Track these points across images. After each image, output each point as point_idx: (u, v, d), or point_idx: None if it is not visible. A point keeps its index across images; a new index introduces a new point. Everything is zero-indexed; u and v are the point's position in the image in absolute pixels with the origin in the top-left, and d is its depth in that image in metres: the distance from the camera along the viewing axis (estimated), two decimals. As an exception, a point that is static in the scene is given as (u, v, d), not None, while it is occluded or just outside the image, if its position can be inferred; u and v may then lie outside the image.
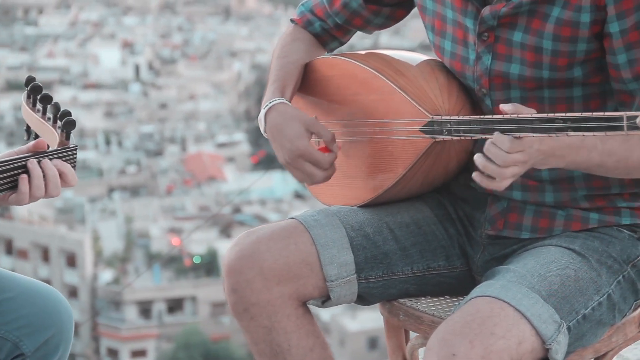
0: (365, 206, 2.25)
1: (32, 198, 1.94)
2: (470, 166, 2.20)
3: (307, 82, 2.33)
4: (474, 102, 2.16)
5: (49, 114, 2.03)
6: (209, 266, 44.62)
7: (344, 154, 2.27)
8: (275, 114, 2.22)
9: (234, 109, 63.78)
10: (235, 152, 56.49)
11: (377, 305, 2.29)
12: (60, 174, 1.96)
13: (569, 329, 1.95)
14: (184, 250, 44.19)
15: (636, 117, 1.77)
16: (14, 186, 1.93)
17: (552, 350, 1.92)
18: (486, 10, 2.07)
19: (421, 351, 2.27)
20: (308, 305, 2.19)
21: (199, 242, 43.45)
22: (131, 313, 40.98)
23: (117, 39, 68.79)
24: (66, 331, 2.13)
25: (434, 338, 1.90)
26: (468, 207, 2.23)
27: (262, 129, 2.25)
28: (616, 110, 2.05)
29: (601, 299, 2.01)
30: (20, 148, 1.99)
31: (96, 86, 61.56)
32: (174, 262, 44.56)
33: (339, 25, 2.37)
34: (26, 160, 1.94)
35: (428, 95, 2.12)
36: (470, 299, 1.95)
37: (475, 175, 1.93)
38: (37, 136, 2.07)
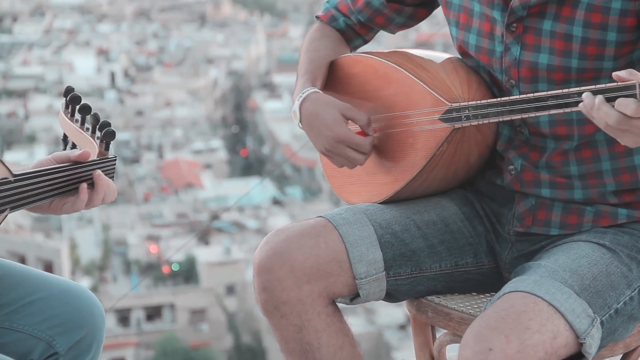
0: (390, 202, 2.26)
1: (89, 205, 1.99)
2: (495, 162, 2.23)
3: (331, 81, 2.35)
4: (494, 96, 2.18)
5: (88, 125, 2.05)
6: (187, 273, 44.51)
7: None
8: (309, 103, 2.24)
9: (210, 116, 63.70)
10: (213, 158, 56.42)
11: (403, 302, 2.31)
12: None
13: (602, 323, 1.97)
14: (162, 257, 44.07)
15: None
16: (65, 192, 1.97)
17: (586, 345, 1.93)
18: (516, 2, 2.09)
19: (449, 348, 2.28)
20: (337, 303, 2.20)
21: (177, 249, 43.36)
22: (109, 321, 40.80)
23: (92, 47, 68.52)
24: (98, 330, 2.13)
25: (470, 333, 1.91)
26: (495, 205, 2.24)
27: (296, 121, 2.27)
28: None
29: (632, 293, 2.03)
30: (59, 155, 1.99)
31: (72, 94, 61.12)
32: (152, 270, 44.43)
33: (362, 23, 2.40)
34: (92, 170, 1.99)
35: (447, 86, 2.16)
36: (504, 294, 1.96)
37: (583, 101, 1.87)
38: (74, 145, 2.08)
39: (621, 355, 2.14)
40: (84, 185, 1.97)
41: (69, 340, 2.08)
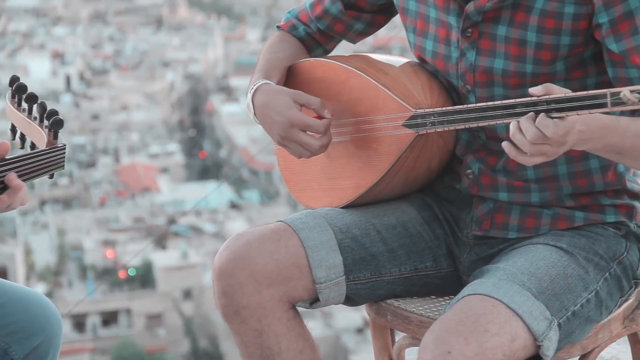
0: (350, 207, 2.26)
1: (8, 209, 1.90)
2: (453, 167, 2.24)
3: (291, 85, 2.34)
4: (455, 101, 2.20)
5: (35, 114, 2.02)
6: (144, 278, 44.24)
7: (326, 156, 2.29)
8: (260, 93, 2.24)
9: (167, 120, 63.39)
10: (169, 162, 56.15)
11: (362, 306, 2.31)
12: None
13: (559, 325, 1.98)
14: (119, 262, 43.78)
15: (619, 92, 1.82)
16: None
17: (544, 347, 1.95)
18: (470, 7, 2.11)
19: (408, 351, 2.29)
20: (297, 307, 2.20)
21: (134, 254, 43.10)
22: (65, 327, 40.36)
23: (47, 50, 67.93)
24: (55, 337, 2.11)
25: (429, 336, 1.92)
26: (453, 208, 2.26)
27: (251, 115, 2.26)
28: None
29: (589, 295, 2.05)
30: None
31: (26, 97, 60.54)
32: (109, 275, 44.12)
33: (322, 31, 2.40)
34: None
35: (411, 91, 2.17)
36: (463, 297, 1.97)
37: (505, 144, 1.92)
38: (23, 135, 2.05)
39: (578, 357, 2.16)
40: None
41: (25, 347, 2.06)
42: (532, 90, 1.88)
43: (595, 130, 1.90)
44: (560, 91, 1.87)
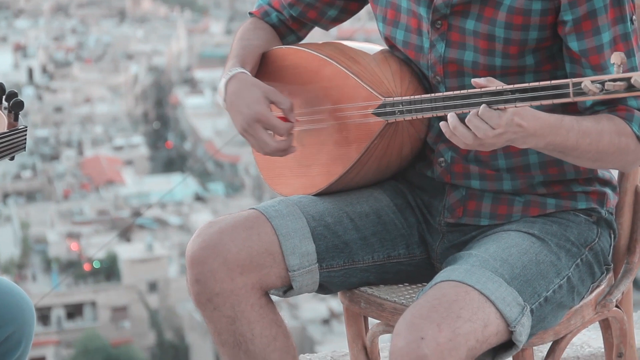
0: (323, 194, 2.26)
1: None
2: (425, 154, 2.25)
3: (263, 73, 2.34)
4: (426, 88, 2.20)
5: None
6: (108, 270, 44.04)
7: (298, 143, 2.29)
8: (235, 81, 2.23)
9: (131, 112, 63.07)
10: (134, 155, 55.85)
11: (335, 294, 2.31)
12: None
13: (532, 311, 2.00)
14: (83, 255, 43.53)
15: (581, 83, 1.85)
16: None
17: (516, 333, 1.96)
18: None
19: (382, 338, 2.30)
20: (270, 295, 2.20)
21: (99, 246, 42.91)
22: (29, 320, 40.03)
23: (9, 42, 67.34)
24: (28, 327, 2.09)
25: (402, 323, 1.93)
26: (426, 196, 2.26)
27: (221, 99, 2.26)
28: None
29: (561, 281, 2.07)
30: None
31: (-12, 90, 59.97)
32: (73, 267, 43.85)
33: (295, 18, 2.40)
34: None
35: (380, 79, 2.17)
36: (435, 284, 1.98)
37: (443, 124, 1.95)
38: None
39: (550, 343, 2.18)
40: None
41: (-4, 336, 2.05)
42: (474, 81, 1.92)
43: (537, 128, 1.93)
44: (499, 84, 1.90)
